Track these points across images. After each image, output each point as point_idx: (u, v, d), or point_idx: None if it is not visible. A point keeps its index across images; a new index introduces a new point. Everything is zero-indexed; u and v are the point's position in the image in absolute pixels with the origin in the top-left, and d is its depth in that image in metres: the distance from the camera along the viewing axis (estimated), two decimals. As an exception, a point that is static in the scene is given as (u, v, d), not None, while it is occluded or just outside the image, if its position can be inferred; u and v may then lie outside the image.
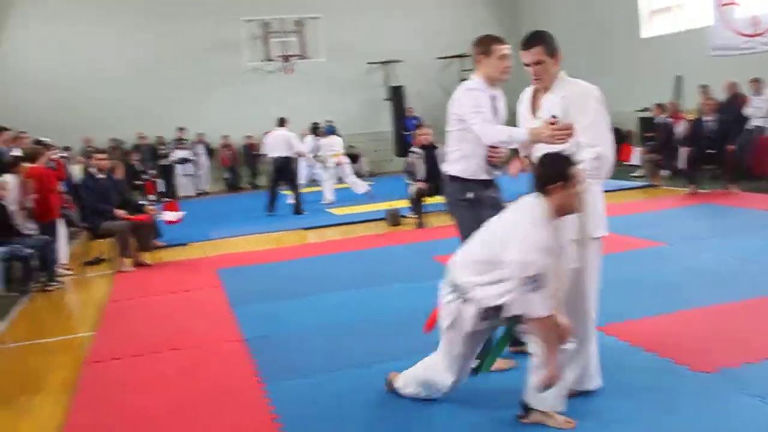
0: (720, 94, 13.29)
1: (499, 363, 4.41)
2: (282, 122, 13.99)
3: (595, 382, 4.16)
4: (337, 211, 13.34)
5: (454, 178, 4.68)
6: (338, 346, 5.45)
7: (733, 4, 14.57)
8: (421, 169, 10.73)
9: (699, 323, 5.21)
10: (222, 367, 5.25)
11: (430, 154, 10.69)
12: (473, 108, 4.48)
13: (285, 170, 13.58)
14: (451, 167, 4.71)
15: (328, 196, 14.77)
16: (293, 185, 13.76)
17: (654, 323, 5.29)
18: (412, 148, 11.10)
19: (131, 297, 7.86)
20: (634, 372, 4.42)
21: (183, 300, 7.55)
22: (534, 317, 3.58)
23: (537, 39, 4.33)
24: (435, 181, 9.84)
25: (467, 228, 4.49)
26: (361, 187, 15.00)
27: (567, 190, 3.61)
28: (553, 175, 3.63)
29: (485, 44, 4.69)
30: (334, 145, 15.29)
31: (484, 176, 4.65)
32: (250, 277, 8.36)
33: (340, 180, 15.22)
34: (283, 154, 13.49)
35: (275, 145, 13.59)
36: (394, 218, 11.35)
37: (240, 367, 5.17)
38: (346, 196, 14.83)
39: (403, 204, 11.85)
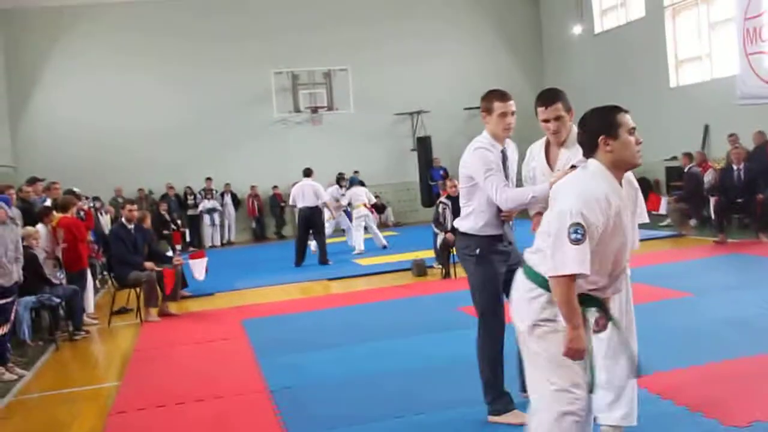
0: (748, 143, 13.22)
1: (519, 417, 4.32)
2: (308, 172, 14.10)
3: (635, 418, 4.13)
4: (363, 262, 13.34)
5: (464, 234, 4.75)
6: (363, 397, 5.41)
7: (761, 53, 14.56)
8: (449, 220, 10.75)
9: (729, 375, 5.11)
10: (246, 419, 5.23)
11: (458, 205, 10.70)
12: (485, 170, 4.52)
13: (312, 220, 13.64)
14: (461, 223, 4.80)
15: (358, 246, 14.83)
16: (320, 235, 13.80)
17: (684, 375, 5.20)
18: (441, 199, 11.12)
19: (157, 347, 7.88)
20: (665, 425, 4.34)
21: (208, 350, 7.55)
22: (558, 274, 3.10)
23: (556, 96, 4.43)
24: None
25: (477, 281, 4.68)
26: (379, 240, 15.09)
27: (615, 140, 3.27)
28: (593, 129, 3.35)
29: (488, 101, 4.72)
30: (360, 195, 15.36)
31: (494, 231, 4.67)
32: (275, 327, 8.36)
33: (366, 230, 15.26)
34: (311, 204, 13.58)
35: (303, 195, 13.68)
36: (419, 268, 11.32)
37: (264, 419, 5.14)
38: (370, 247, 14.85)
39: (429, 254, 11.83)
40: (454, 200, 10.79)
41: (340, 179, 17.60)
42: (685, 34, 17.44)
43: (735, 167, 12.12)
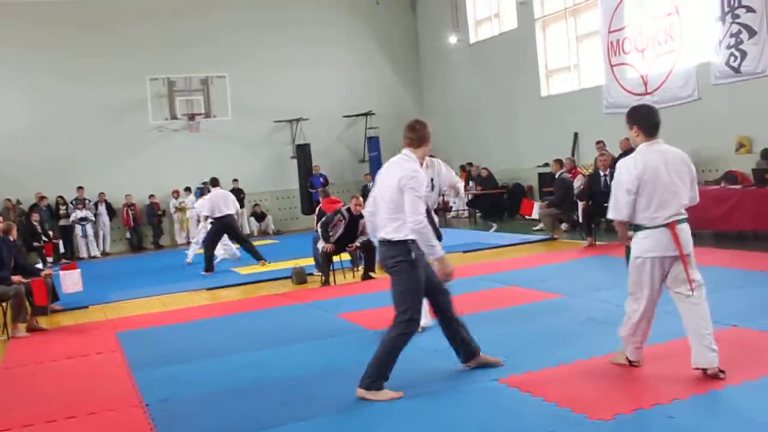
0: (615, 150, 13.87)
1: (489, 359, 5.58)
2: (216, 182, 14.07)
3: None
4: (242, 270, 13.21)
5: (399, 242, 5.19)
6: (243, 407, 5.35)
7: (624, 64, 15.33)
8: (338, 233, 10.78)
9: (596, 372, 5.35)
10: (120, 434, 5.08)
11: (355, 221, 10.78)
12: (421, 191, 5.17)
13: (235, 227, 13.73)
14: (394, 234, 5.21)
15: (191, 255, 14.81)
16: (244, 241, 13.87)
17: (553, 373, 5.41)
18: (341, 209, 11.08)
19: (25, 364, 7.55)
20: (535, 422, 4.49)
21: (80, 365, 7.29)
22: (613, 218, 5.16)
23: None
24: (344, 244, 10.85)
25: (410, 285, 5.20)
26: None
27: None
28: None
29: (429, 129, 5.53)
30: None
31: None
32: (151, 339, 8.16)
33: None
34: (233, 211, 13.60)
35: (225, 203, 13.49)
36: (299, 276, 11.31)
37: (139, 433, 5.01)
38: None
39: (309, 262, 11.84)
40: (354, 218, 10.84)
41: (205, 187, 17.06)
42: (555, 46, 18.15)
43: (602, 173, 12.68)
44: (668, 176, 4.96)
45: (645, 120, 5.11)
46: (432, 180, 6.61)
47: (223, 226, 13.49)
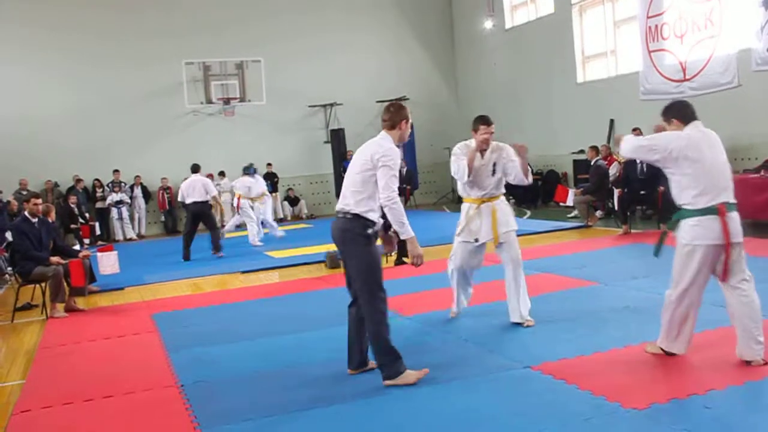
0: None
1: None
2: (196, 168, 14.20)
3: None
4: (276, 254, 13.28)
5: (357, 216, 5.15)
6: (276, 389, 5.40)
7: (662, 50, 15.10)
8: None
9: (631, 360, 5.31)
10: (157, 414, 5.15)
11: None
12: (396, 169, 5.19)
13: (203, 215, 13.78)
14: (355, 207, 5.17)
15: (253, 238, 15.04)
16: (214, 229, 13.89)
17: (588, 361, 5.38)
18: None
19: (63, 343, 7.67)
20: (569, 410, 4.47)
21: (117, 346, 7.40)
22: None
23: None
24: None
25: (369, 260, 5.14)
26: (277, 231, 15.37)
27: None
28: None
29: (407, 111, 5.48)
30: (242, 185, 15.42)
31: (378, 217, 5.24)
32: (186, 321, 8.24)
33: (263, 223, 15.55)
34: (200, 199, 13.63)
35: (192, 190, 13.67)
36: (333, 261, 11.33)
37: (175, 413, 5.07)
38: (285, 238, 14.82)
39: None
40: None
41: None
42: (592, 31, 17.94)
43: (638, 161, 12.52)
44: (712, 155, 4.94)
45: (682, 110, 5.14)
46: (494, 165, 6.59)
47: (190, 213, 13.75)
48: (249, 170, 15.78)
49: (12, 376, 6.60)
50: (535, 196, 18.63)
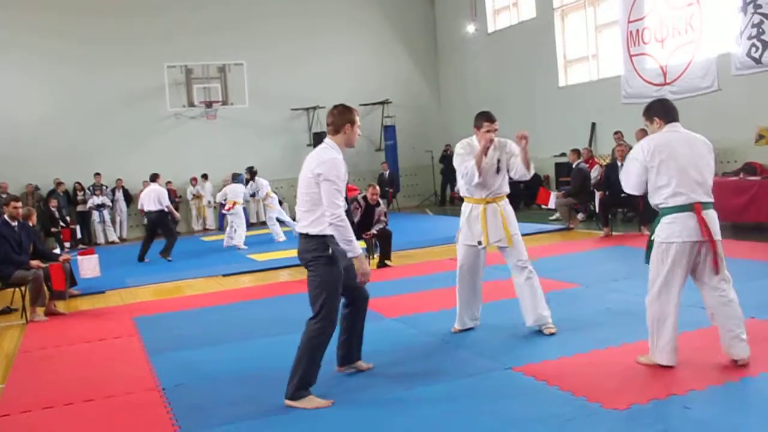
0: (632, 141, 13.78)
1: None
2: (154, 178, 14.67)
3: None
4: (258, 257, 13.26)
5: (315, 236, 4.96)
6: (256, 393, 5.38)
7: (643, 54, 15.21)
8: (356, 220, 10.84)
9: (612, 362, 5.34)
10: (138, 417, 5.12)
11: (371, 209, 10.93)
12: (339, 182, 4.93)
13: (158, 223, 14.17)
14: (310, 228, 4.98)
15: (239, 241, 15.21)
16: (169, 236, 14.16)
17: (569, 363, 5.41)
18: (357, 197, 11.21)
19: (43, 347, 7.61)
20: (550, 410, 4.49)
21: (98, 349, 7.36)
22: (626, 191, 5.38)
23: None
24: (360, 232, 10.66)
25: (327, 281, 4.93)
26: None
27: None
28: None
29: (352, 114, 5.18)
30: (233, 192, 15.64)
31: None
32: (167, 324, 8.21)
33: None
34: (154, 208, 14.02)
35: (148, 199, 14.12)
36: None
37: (156, 417, 5.05)
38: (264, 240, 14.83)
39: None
40: (369, 206, 10.91)
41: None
42: (574, 35, 18.05)
43: (619, 163, 12.58)
44: (687, 154, 4.92)
45: (662, 109, 5.15)
46: (498, 161, 6.36)
47: (148, 221, 14.41)
48: (238, 178, 16.12)
49: (-9, 381, 6.54)
50: (517, 198, 18.69)
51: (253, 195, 16.74)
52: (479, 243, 6.33)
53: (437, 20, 23.76)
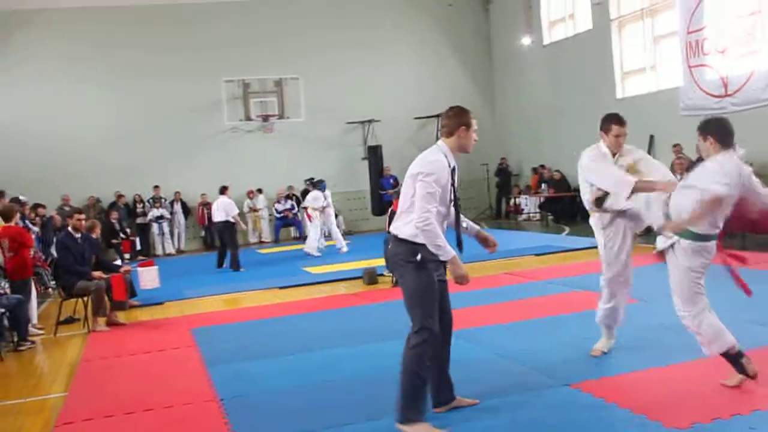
0: (692, 153, 13.53)
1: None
2: (222, 190, 15.06)
3: None
4: (314, 270, 13.34)
5: (404, 240, 4.67)
6: (313, 406, 5.40)
7: (703, 65, 14.93)
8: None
9: (672, 379, 5.24)
10: (196, 428, 5.19)
11: None
12: (434, 185, 4.59)
13: (224, 233, 14.79)
14: (402, 229, 4.70)
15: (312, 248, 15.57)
16: (233, 247, 14.66)
17: (629, 380, 5.32)
18: None
19: (105, 357, 7.77)
20: (610, 428, 4.43)
21: (157, 360, 7.48)
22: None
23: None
24: None
25: (416, 288, 4.62)
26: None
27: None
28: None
29: (467, 116, 4.83)
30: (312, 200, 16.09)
31: None
32: (225, 336, 8.31)
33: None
34: (221, 219, 14.60)
35: (216, 211, 14.82)
36: (371, 277, 11.35)
37: (214, 428, 5.10)
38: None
39: (380, 262, 11.87)
40: None
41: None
42: (631, 47, 17.82)
43: (679, 176, 12.37)
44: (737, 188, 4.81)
45: (720, 130, 4.96)
46: (627, 171, 5.73)
47: (217, 231, 15.21)
48: (321, 185, 16.41)
49: (55, 389, 6.70)
50: (573, 212, 18.49)
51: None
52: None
53: (491, 32, 23.69)
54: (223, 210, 14.53)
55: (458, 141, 4.78)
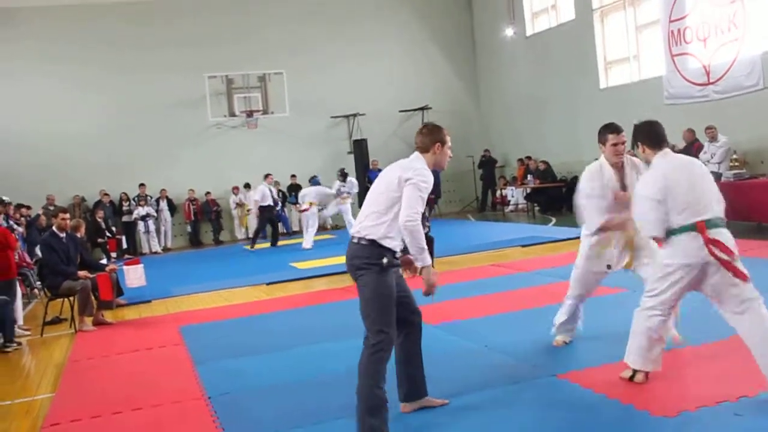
0: (676, 141, 13.58)
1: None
2: (266, 177, 17.47)
3: None
4: (301, 265, 13.32)
5: (372, 242, 4.51)
6: (302, 402, 5.40)
7: (686, 54, 15.00)
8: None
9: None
10: (184, 426, 5.18)
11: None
12: (425, 192, 4.54)
13: (270, 214, 17.47)
14: (372, 230, 4.52)
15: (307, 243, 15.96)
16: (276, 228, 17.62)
17: (615, 369, 5.32)
18: None
19: (92, 356, 7.74)
20: (598, 418, 4.44)
21: (145, 358, 7.45)
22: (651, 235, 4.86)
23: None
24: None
25: (377, 293, 4.47)
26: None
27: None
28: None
29: (442, 133, 4.83)
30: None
31: (399, 246, 4.59)
32: (212, 333, 8.29)
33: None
34: (267, 203, 17.08)
35: (265, 197, 17.04)
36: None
37: (203, 425, 5.10)
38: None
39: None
40: None
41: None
42: (614, 36, 17.87)
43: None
44: (687, 180, 4.74)
45: (650, 134, 5.04)
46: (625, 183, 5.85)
47: (266, 214, 17.45)
48: (313, 180, 17.60)
49: (42, 390, 6.66)
50: (559, 203, 18.54)
51: (338, 194, 17.08)
52: (608, 267, 6.07)
53: (475, 25, 23.70)
54: (270, 196, 16.95)
55: (434, 157, 4.77)
